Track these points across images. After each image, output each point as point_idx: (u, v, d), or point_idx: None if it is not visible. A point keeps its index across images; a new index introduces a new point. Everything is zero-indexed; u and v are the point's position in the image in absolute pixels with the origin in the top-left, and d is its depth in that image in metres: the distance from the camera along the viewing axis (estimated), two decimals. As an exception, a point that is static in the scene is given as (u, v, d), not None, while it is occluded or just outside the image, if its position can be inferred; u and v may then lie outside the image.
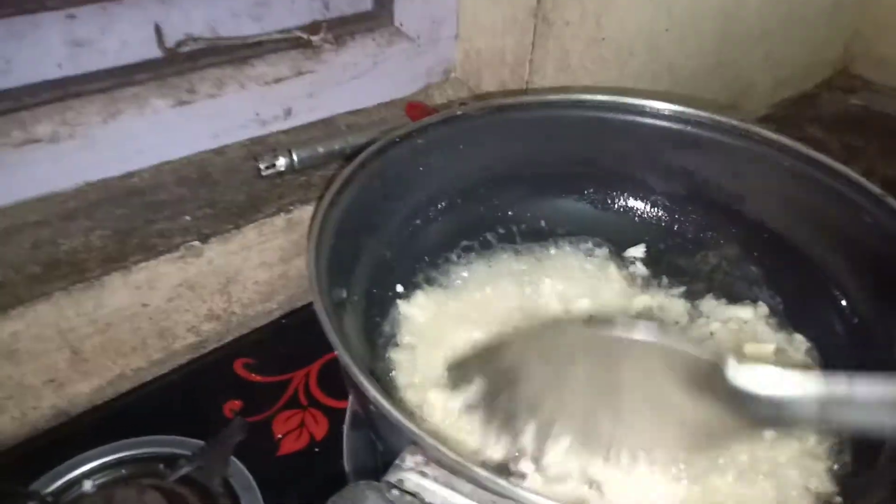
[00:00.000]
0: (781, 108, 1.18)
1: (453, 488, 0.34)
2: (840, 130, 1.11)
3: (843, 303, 0.55)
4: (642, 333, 0.43)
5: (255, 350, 0.66)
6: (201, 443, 0.53)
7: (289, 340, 0.66)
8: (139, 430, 0.55)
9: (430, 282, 0.62)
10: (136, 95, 0.68)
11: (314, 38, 0.78)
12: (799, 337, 0.60)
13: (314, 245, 0.43)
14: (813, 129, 1.10)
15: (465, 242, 0.64)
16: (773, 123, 0.61)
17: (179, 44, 0.71)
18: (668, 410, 0.45)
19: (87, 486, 0.51)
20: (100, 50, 0.67)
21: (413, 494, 0.34)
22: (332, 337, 0.37)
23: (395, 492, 0.34)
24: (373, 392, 0.35)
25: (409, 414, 0.50)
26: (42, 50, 0.63)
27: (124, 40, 0.68)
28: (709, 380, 0.42)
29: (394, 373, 0.55)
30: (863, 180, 0.53)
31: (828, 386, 0.40)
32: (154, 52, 0.70)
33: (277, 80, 0.75)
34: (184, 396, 0.62)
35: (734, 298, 0.63)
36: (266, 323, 0.70)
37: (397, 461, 0.35)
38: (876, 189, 0.52)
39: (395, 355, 0.56)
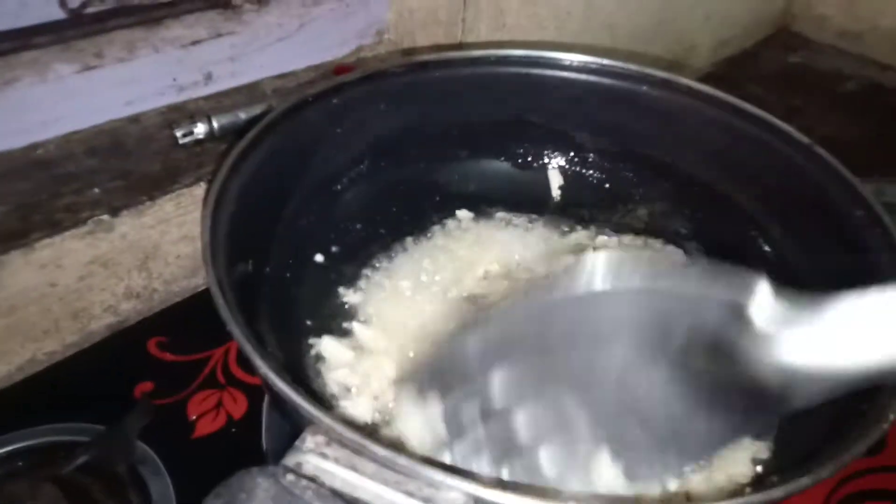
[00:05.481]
0: (722, 66, 1.18)
1: (356, 469, 0.32)
2: (780, 88, 1.11)
3: (767, 248, 0.55)
4: (627, 279, 0.34)
5: (170, 328, 0.63)
6: (103, 429, 0.50)
7: (206, 317, 0.62)
8: (41, 419, 0.52)
9: (352, 249, 0.60)
10: (35, 60, 0.64)
11: (233, -3, 0.74)
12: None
13: (209, 214, 0.40)
14: (753, 87, 1.10)
15: (389, 208, 0.62)
16: (713, 82, 0.59)
17: (84, 4, 0.67)
18: (671, 405, 0.35)
19: (-23, 482, 0.47)
20: (-6, 12, 0.62)
21: (312, 479, 0.32)
22: (224, 312, 0.34)
23: (290, 477, 0.31)
24: (264, 368, 0.33)
25: (320, 394, 0.47)
26: (-75, 12, 0.58)
27: (23, 1, 0.63)
28: (723, 333, 0.33)
29: (314, 351, 0.53)
30: (790, 129, 0.52)
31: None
32: (56, 14, 0.65)
33: (195, 43, 0.71)
34: (91, 380, 0.58)
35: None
36: (183, 299, 0.67)
37: (296, 443, 0.33)
38: (804, 138, 0.51)
39: (317, 330, 0.54)
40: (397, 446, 0.36)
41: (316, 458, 0.32)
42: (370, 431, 0.41)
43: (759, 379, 0.33)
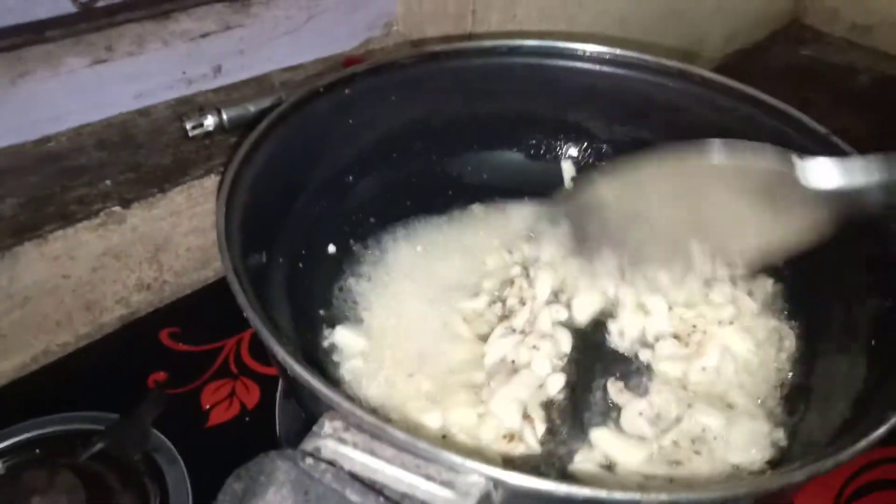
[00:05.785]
0: (734, 59, 1.17)
1: (374, 454, 0.32)
2: (791, 81, 1.10)
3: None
4: (712, 157, 0.49)
5: (182, 319, 0.63)
6: (117, 417, 0.50)
7: (219, 308, 0.62)
8: (57, 407, 0.52)
9: (364, 241, 0.60)
10: (48, 54, 0.64)
11: (242, -10, 0.74)
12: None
13: (224, 204, 0.40)
14: (765, 80, 1.09)
15: (401, 199, 0.62)
16: (725, 74, 0.59)
17: (95, -3, 0.67)
18: (745, 220, 0.49)
19: (-3, 467, 0.48)
20: (5, 5, 0.62)
21: (331, 462, 0.32)
22: (241, 298, 0.34)
23: (309, 460, 0.31)
24: (283, 354, 0.32)
25: (336, 380, 0.47)
26: (-63, 7, 0.59)
27: (35, -5, 0.63)
28: (780, 185, 0.46)
29: (328, 341, 0.52)
30: (806, 119, 0.52)
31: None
32: (67, 8, 0.65)
33: (204, 36, 0.71)
34: (106, 370, 0.58)
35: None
36: (194, 291, 0.67)
37: (315, 428, 0.33)
38: (820, 128, 0.51)
39: (330, 320, 0.54)
40: (416, 431, 0.36)
41: (334, 442, 0.32)
42: (386, 417, 0.41)
43: (802, 203, 0.46)
